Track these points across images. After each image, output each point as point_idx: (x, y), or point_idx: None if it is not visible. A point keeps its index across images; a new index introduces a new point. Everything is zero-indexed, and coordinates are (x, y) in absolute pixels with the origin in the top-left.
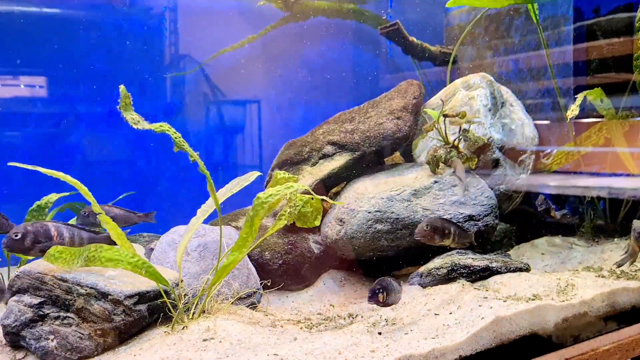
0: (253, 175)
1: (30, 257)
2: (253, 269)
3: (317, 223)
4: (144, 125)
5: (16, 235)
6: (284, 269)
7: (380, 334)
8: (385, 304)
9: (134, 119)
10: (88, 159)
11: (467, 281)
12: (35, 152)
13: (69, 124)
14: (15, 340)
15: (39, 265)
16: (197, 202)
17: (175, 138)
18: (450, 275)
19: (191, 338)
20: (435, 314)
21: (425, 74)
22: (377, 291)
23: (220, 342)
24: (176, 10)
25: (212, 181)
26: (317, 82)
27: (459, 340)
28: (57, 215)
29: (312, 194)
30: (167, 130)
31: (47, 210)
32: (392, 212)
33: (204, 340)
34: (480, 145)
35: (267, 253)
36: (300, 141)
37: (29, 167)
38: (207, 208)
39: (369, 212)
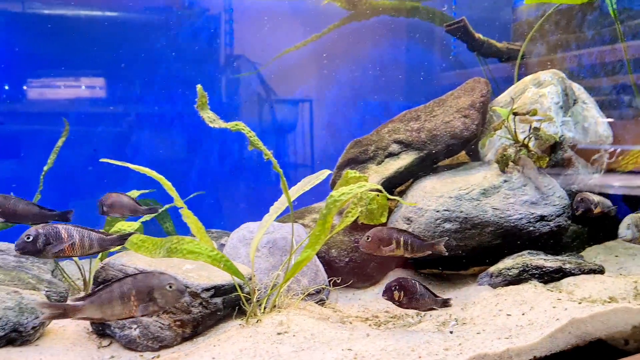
0: (324, 173)
1: (112, 250)
2: (321, 266)
3: (383, 220)
4: (219, 123)
5: (28, 238)
6: (351, 267)
7: (451, 332)
8: (401, 304)
9: (210, 118)
10: (161, 158)
11: (539, 282)
12: (111, 150)
13: (138, 124)
14: (101, 328)
15: (121, 258)
16: (261, 200)
17: (251, 137)
18: (521, 276)
19: (266, 331)
20: (508, 315)
21: (490, 71)
22: (393, 288)
23: (294, 335)
24: (235, 12)
25: (285, 179)
26: (380, 80)
27: (534, 341)
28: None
29: (382, 192)
30: (242, 129)
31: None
32: (461, 212)
33: (278, 333)
34: (551, 144)
35: (333, 250)
36: (366, 140)
37: (119, 163)
38: (279, 205)
39: (437, 211)
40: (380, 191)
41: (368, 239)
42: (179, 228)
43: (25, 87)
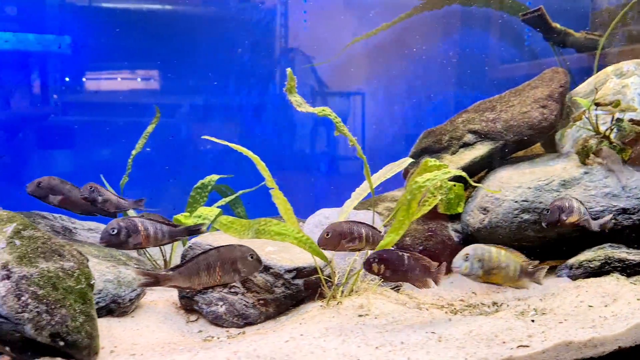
0: (405, 161)
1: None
2: None
3: (460, 210)
4: (306, 108)
5: (113, 231)
6: (425, 255)
7: (533, 321)
8: (385, 277)
9: (297, 102)
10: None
11: (622, 275)
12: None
13: (210, 113)
14: (189, 304)
15: (207, 238)
16: (332, 187)
17: (337, 122)
18: (603, 269)
19: (348, 313)
20: (589, 306)
21: (566, 62)
22: (371, 260)
23: (375, 317)
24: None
25: (368, 166)
26: (452, 71)
27: (619, 331)
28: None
29: (467, 179)
30: (329, 115)
31: (209, 188)
32: (540, 202)
33: (360, 315)
34: (634, 137)
35: (407, 238)
36: (439, 129)
37: (221, 141)
38: (360, 192)
39: (516, 202)
40: (464, 178)
41: (328, 234)
42: (250, 214)
43: (117, 79)
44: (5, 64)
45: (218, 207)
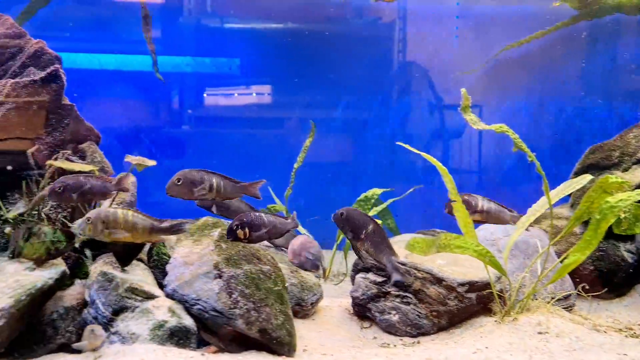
0: (585, 178)
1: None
2: None
3: (637, 230)
4: (482, 125)
5: (236, 228)
6: (595, 275)
7: None
8: (251, 240)
9: (472, 120)
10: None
11: None
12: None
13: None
14: (362, 311)
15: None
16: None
17: (515, 139)
18: None
19: (526, 330)
20: None
21: None
22: (234, 227)
23: (557, 336)
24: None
25: (547, 182)
26: (609, 83)
27: None
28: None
29: None
30: (507, 131)
31: (372, 201)
32: None
33: (539, 332)
34: None
35: None
36: (608, 145)
37: (415, 150)
38: (537, 208)
39: None
40: None
41: (179, 181)
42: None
43: (266, 94)
44: (188, 84)
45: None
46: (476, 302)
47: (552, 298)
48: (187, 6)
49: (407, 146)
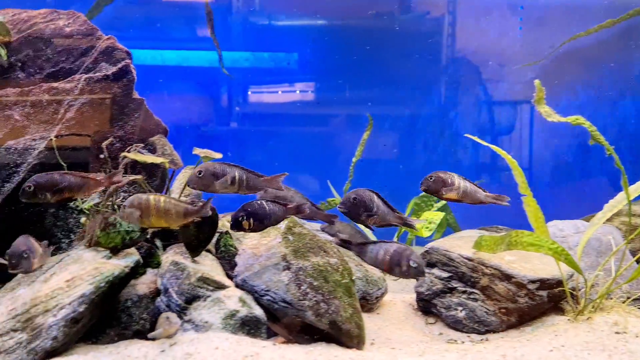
0: None
1: (415, 235)
2: None
3: None
4: (556, 118)
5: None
6: None
7: None
8: (254, 230)
9: (547, 112)
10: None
11: None
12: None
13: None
14: (426, 306)
15: (444, 244)
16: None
17: (592, 131)
18: None
19: (603, 329)
20: None
21: None
22: (239, 218)
23: (636, 336)
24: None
25: (626, 177)
26: None
27: None
28: None
29: None
30: (583, 123)
31: (433, 202)
32: None
33: (617, 333)
34: None
35: None
36: None
37: (484, 142)
38: (615, 203)
39: None
40: None
41: (200, 174)
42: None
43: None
44: (247, 79)
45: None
46: (547, 300)
47: (628, 298)
48: (236, 4)
49: (475, 138)
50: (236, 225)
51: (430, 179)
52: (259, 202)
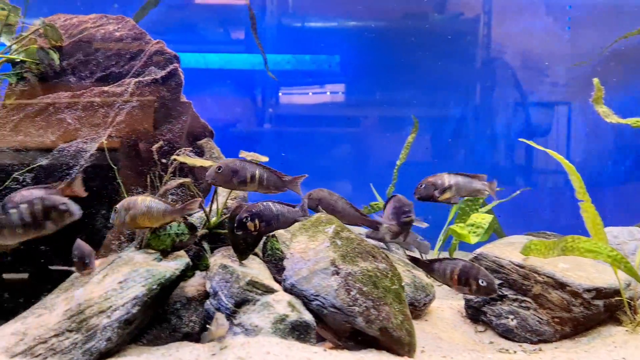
0: None
1: (459, 240)
2: None
3: None
4: (615, 119)
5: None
6: None
7: None
8: (261, 231)
9: (605, 112)
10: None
11: None
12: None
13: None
14: (475, 314)
15: (493, 250)
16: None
17: None
18: None
19: None
20: None
21: None
22: (244, 220)
23: None
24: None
25: None
26: None
27: None
28: None
29: None
30: None
31: (480, 201)
32: None
33: None
34: None
35: None
36: None
37: (535, 145)
38: None
39: None
40: None
41: (219, 169)
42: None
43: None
44: (289, 81)
45: None
46: (603, 310)
47: None
48: (270, 7)
49: (529, 142)
50: (240, 226)
51: (421, 186)
52: (265, 203)
